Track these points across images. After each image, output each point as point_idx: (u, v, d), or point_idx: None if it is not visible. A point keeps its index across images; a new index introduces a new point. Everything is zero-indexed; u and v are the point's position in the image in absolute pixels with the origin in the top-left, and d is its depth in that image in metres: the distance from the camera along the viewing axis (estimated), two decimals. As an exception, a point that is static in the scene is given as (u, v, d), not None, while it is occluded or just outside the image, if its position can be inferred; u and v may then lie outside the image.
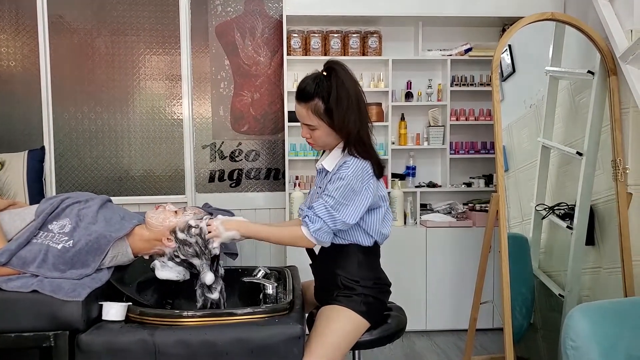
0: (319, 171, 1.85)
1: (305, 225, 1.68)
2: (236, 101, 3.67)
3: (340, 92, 1.67)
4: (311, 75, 1.73)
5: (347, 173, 1.68)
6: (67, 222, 1.74)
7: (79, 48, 3.53)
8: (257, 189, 3.74)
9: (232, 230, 1.73)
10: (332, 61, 1.73)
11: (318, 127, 1.73)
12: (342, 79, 1.69)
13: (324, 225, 1.67)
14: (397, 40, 3.70)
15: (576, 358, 1.65)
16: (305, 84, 1.71)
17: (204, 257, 1.77)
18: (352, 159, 1.70)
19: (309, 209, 1.70)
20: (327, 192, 1.68)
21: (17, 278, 1.59)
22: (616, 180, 2.53)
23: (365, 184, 1.70)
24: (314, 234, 1.67)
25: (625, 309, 1.77)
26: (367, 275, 1.79)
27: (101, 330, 1.56)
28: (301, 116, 1.74)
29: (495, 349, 3.14)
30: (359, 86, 1.75)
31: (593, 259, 2.71)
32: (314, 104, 1.69)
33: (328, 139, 1.75)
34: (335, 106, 1.67)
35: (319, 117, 1.70)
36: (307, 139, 1.78)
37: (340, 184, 1.67)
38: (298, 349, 1.57)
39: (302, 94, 1.71)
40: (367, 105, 1.77)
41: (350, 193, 1.67)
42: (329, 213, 1.66)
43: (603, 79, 2.62)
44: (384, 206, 1.81)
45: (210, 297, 1.80)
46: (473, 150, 3.68)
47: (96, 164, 3.59)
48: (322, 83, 1.69)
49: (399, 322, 1.86)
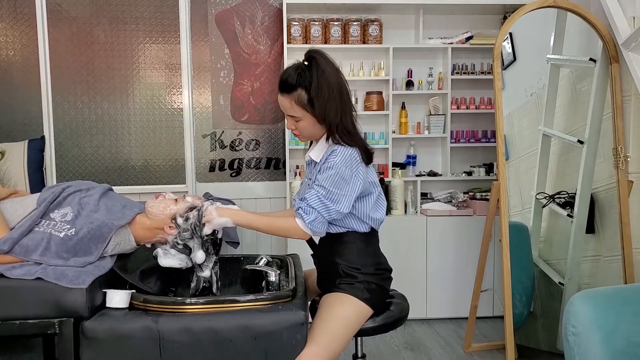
0: (308, 163, 1.85)
1: (299, 217, 1.67)
2: (236, 90, 3.66)
3: (320, 81, 1.66)
4: (293, 65, 1.72)
5: (335, 161, 1.67)
6: (69, 210, 1.74)
7: (78, 37, 3.51)
8: (258, 179, 3.73)
9: (224, 217, 1.72)
10: (313, 50, 1.71)
11: (302, 118, 1.71)
12: (323, 68, 1.67)
13: (318, 215, 1.66)
14: (398, 28, 3.68)
15: (577, 344, 1.65)
16: (287, 75, 1.69)
17: (195, 236, 1.77)
18: (339, 147, 1.69)
19: (302, 200, 1.69)
20: (318, 182, 1.68)
21: (21, 266, 1.60)
22: (617, 168, 2.54)
23: (354, 171, 1.69)
24: (310, 225, 1.67)
25: (626, 295, 1.78)
26: (368, 261, 1.80)
27: (105, 317, 1.57)
28: (285, 107, 1.73)
29: (495, 337, 3.16)
30: (341, 74, 1.73)
31: (593, 247, 2.72)
32: (297, 95, 1.68)
33: (313, 129, 1.74)
34: (316, 96, 1.66)
35: (302, 107, 1.69)
36: (293, 130, 1.77)
37: (330, 173, 1.66)
38: (301, 335, 1.58)
39: (285, 85, 1.69)
40: (349, 92, 1.75)
41: (341, 181, 1.66)
42: (322, 203, 1.66)
43: (605, 67, 2.61)
44: (375, 192, 1.80)
45: (201, 274, 1.80)
46: (474, 139, 3.67)
47: (96, 153, 3.58)
48: (304, 73, 1.67)
49: (402, 309, 1.87)
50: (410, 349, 3.03)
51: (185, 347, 1.54)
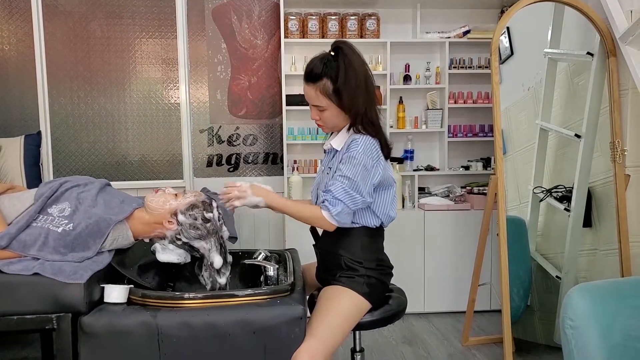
0: (327, 151, 1.85)
1: (325, 209, 1.68)
2: (233, 85, 3.65)
3: (348, 71, 1.67)
4: (319, 55, 1.73)
5: (357, 150, 1.68)
6: (67, 205, 1.73)
7: (74, 31, 3.49)
8: (256, 174, 3.73)
9: (259, 197, 1.71)
10: (340, 41, 1.73)
11: (327, 108, 1.72)
12: (350, 59, 1.68)
13: (344, 207, 1.67)
14: (395, 22, 3.67)
15: (575, 337, 1.66)
16: (313, 65, 1.71)
17: (215, 237, 1.78)
18: (361, 137, 1.70)
19: (326, 192, 1.69)
20: (341, 173, 1.68)
21: (18, 261, 1.59)
22: (614, 162, 2.54)
23: (375, 162, 1.70)
24: (337, 217, 1.67)
25: (623, 288, 1.78)
26: (371, 256, 1.80)
27: (103, 312, 1.56)
28: (310, 97, 1.74)
29: (492, 331, 3.17)
30: (367, 66, 1.75)
31: (590, 240, 2.72)
32: (322, 84, 1.69)
33: (337, 119, 1.75)
34: (343, 86, 1.67)
35: (327, 97, 1.70)
36: (317, 120, 1.78)
37: (353, 162, 1.67)
38: (300, 329, 1.58)
39: (310, 75, 1.71)
40: (374, 84, 1.77)
41: (364, 171, 1.68)
42: (348, 194, 1.66)
43: (602, 61, 2.61)
44: (393, 187, 1.81)
45: (219, 281, 1.81)
46: (471, 133, 3.67)
47: (93, 148, 3.57)
48: (330, 63, 1.68)
49: (400, 303, 1.87)
50: (408, 343, 3.03)
51: (184, 342, 1.54)
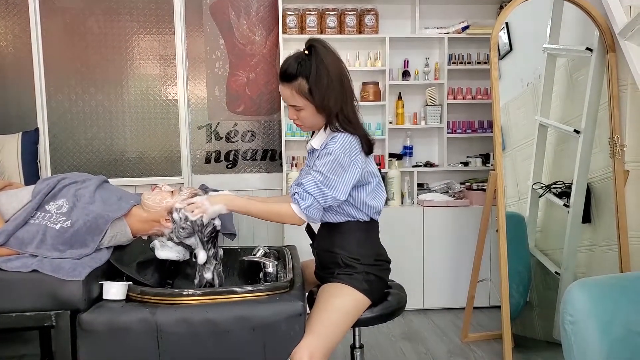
0: (310, 152, 1.84)
1: (295, 202, 1.66)
2: (231, 81, 3.64)
3: (319, 70, 1.64)
4: (293, 55, 1.70)
5: (334, 148, 1.66)
6: (65, 202, 1.72)
7: (71, 28, 3.48)
8: (254, 170, 3.72)
9: (217, 204, 1.70)
10: (313, 39, 1.70)
11: (304, 108, 1.70)
12: (322, 57, 1.66)
13: (314, 201, 1.65)
14: (394, 18, 3.66)
15: (574, 333, 1.65)
16: (288, 64, 1.68)
17: (198, 235, 1.76)
18: (339, 134, 1.68)
19: (298, 185, 1.68)
20: (316, 168, 1.67)
21: (17, 258, 1.58)
22: (613, 158, 2.54)
23: (353, 159, 1.68)
24: (305, 210, 1.65)
25: (623, 284, 1.77)
26: (368, 252, 1.79)
27: (102, 309, 1.56)
28: (286, 97, 1.71)
29: (492, 327, 3.17)
30: (342, 63, 1.72)
31: (589, 236, 2.72)
32: (298, 84, 1.66)
33: (315, 119, 1.73)
34: (315, 84, 1.65)
35: (303, 97, 1.67)
36: (294, 120, 1.76)
37: (328, 159, 1.65)
38: (299, 326, 1.58)
39: (285, 75, 1.68)
40: (350, 82, 1.74)
41: (338, 168, 1.65)
42: (319, 189, 1.65)
43: (601, 56, 2.60)
44: (374, 182, 1.79)
45: (205, 275, 1.80)
46: (470, 129, 3.67)
47: (91, 145, 3.56)
48: (304, 62, 1.65)
49: (399, 299, 1.86)
50: (408, 340, 3.03)
51: (183, 339, 1.53)
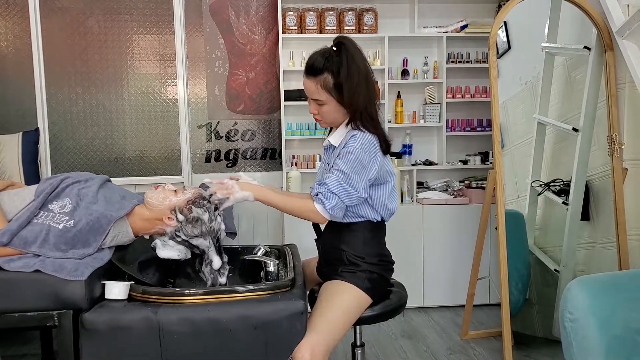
0: (326, 148, 1.86)
1: (319, 202, 1.68)
2: (231, 80, 3.65)
3: (350, 66, 1.68)
4: (320, 50, 1.74)
5: (355, 146, 1.68)
6: (68, 201, 1.73)
7: (72, 28, 3.48)
8: (254, 169, 3.73)
9: (246, 191, 1.72)
10: (342, 36, 1.74)
11: (326, 102, 1.73)
12: (353, 55, 1.70)
13: (339, 201, 1.67)
14: (393, 17, 3.67)
15: (574, 330, 1.67)
16: (314, 59, 1.72)
17: (213, 240, 1.78)
18: (359, 133, 1.71)
19: (321, 185, 1.69)
20: (337, 167, 1.69)
21: (19, 258, 1.59)
22: (612, 156, 2.55)
23: (372, 157, 1.70)
24: (330, 210, 1.67)
25: (622, 281, 1.79)
26: (372, 252, 1.80)
27: (104, 308, 1.57)
28: (310, 91, 1.74)
29: (492, 324, 3.18)
30: (368, 63, 1.76)
31: (588, 234, 2.74)
32: (323, 79, 1.70)
33: (336, 114, 1.76)
34: (345, 81, 1.68)
35: (328, 91, 1.71)
36: (315, 115, 1.79)
37: (350, 157, 1.68)
38: (301, 324, 1.58)
39: (311, 69, 1.71)
40: (375, 82, 1.78)
41: (359, 166, 1.68)
42: (343, 188, 1.67)
43: (599, 55, 2.61)
44: (391, 182, 1.82)
45: (220, 280, 1.82)
46: (469, 127, 3.68)
47: (91, 145, 3.57)
48: (331, 58, 1.69)
49: (400, 297, 1.88)
50: (408, 337, 3.05)
51: (185, 338, 1.54)
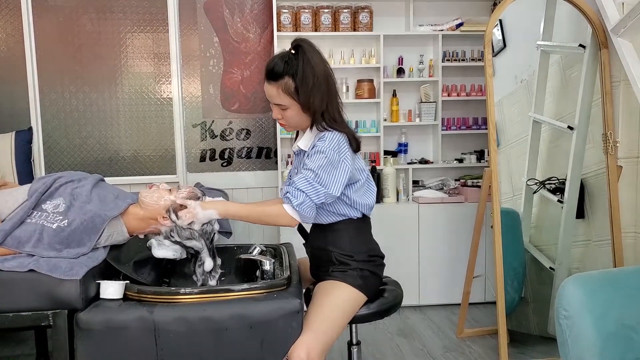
0: (297, 153, 1.85)
1: (287, 201, 1.65)
2: (226, 79, 3.63)
3: (306, 70, 1.66)
4: (279, 54, 1.72)
5: (323, 146, 1.67)
6: (61, 201, 1.72)
7: (64, 26, 3.46)
8: (249, 168, 3.72)
9: (209, 210, 1.71)
10: (300, 38, 1.72)
11: (289, 107, 1.71)
12: (309, 57, 1.67)
13: (306, 198, 1.64)
14: (388, 15, 3.67)
15: (569, 327, 1.67)
16: (274, 63, 1.69)
17: (206, 242, 1.77)
18: (328, 133, 1.69)
19: (289, 184, 1.68)
20: (306, 166, 1.67)
21: (14, 258, 1.58)
22: (607, 154, 2.56)
23: (342, 156, 1.69)
24: (298, 208, 1.64)
25: (617, 278, 1.80)
26: (361, 249, 1.80)
27: (100, 308, 1.56)
28: (271, 96, 1.72)
29: (487, 322, 3.19)
30: (327, 63, 1.74)
31: (583, 232, 2.74)
32: (284, 83, 1.67)
33: (300, 118, 1.73)
34: (300, 84, 1.66)
35: (289, 95, 1.68)
36: (279, 120, 1.77)
37: (319, 156, 1.66)
38: (297, 323, 1.58)
39: (272, 73, 1.69)
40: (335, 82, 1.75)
41: (329, 165, 1.66)
42: (311, 186, 1.64)
43: (594, 53, 2.62)
44: (362, 178, 1.80)
45: (210, 283, 1.82)
46: (465, 126, 3.68)
47: (85, 144, 3.55)
48: (291, 61, 1.67)
49: (396, 295, 1.87)
50: (404, 336, 3.05)
51: (181, 337, 1.53)
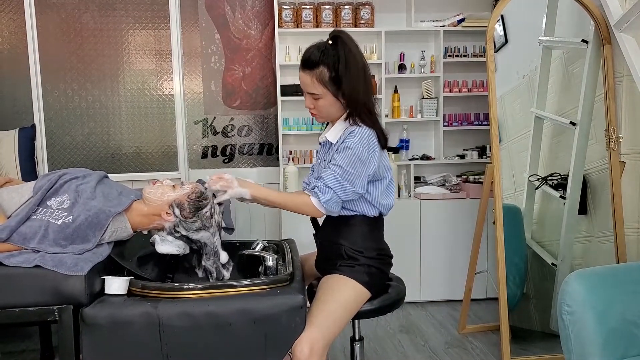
0: (322, 144, 1.85)
1: (315, 195, 1.68)
2: (227, 76, 3.64)
3: (349, 59, 1.68)
4: (316, 44, 1.74)
5: (353, 142, 1.68)
6: (66, 198, 1.73)
7: (67, 23, 3.46)
8: (251, 165, 3.73)
9: (244, 188, 1.71)
10: (339, 30, 1.74)
11: (322, 96, 1.73)
12: (350, 47, 1.70)
13: (334, 195, 1.67)
14: (390, 11, 3.66)
15: (572, 323, 1.68)
16: (310, 53, 1.71)
17: (214, 228, 1.78)
18: (358, 128, 1.71)
19: (318, 179, 1.70)
20: (335, 162, 1.69)
21: (19, 254, 1.59)
22: (609, 149, 2.56)
23: (371, 152, 1.71)
24: (325, 204, 1.67)
25: (619, 274, 1.80)
26: (371, 246, 1.81)
27: (105, 303, 1.57)
28: (305, 84, 1.74)
29: (489, 318, 3.20)
30: (364, 57, 1.76)
31: (585, 227, 2.75)
32: (319, 72, 1.69)
33: (332, 108, 1.75)
34: (344, 74, 1.68)
35: (323, 85, 1.70)
36: (311, 109, 1.78)
37: (348, 153, 1.68)
38: (300, 318, 1.59)
39: (307, 62, 1.71)
40: (371, 75, 1.78)
41: (357, 162, 1.68)
42: (339, 183, 1.67)
43: (597, 48, 2.62)
44: (388, 177, 1.82)
45: (224, 275, 1.83)
46: (466, 122, 3.68)
47: (88, 141, 3.55)
48: (327, 51, 1.69)
49: (399, 291, 1.88)
50: (406, 332, 3.06)
51: (185, 332, 1.54)
